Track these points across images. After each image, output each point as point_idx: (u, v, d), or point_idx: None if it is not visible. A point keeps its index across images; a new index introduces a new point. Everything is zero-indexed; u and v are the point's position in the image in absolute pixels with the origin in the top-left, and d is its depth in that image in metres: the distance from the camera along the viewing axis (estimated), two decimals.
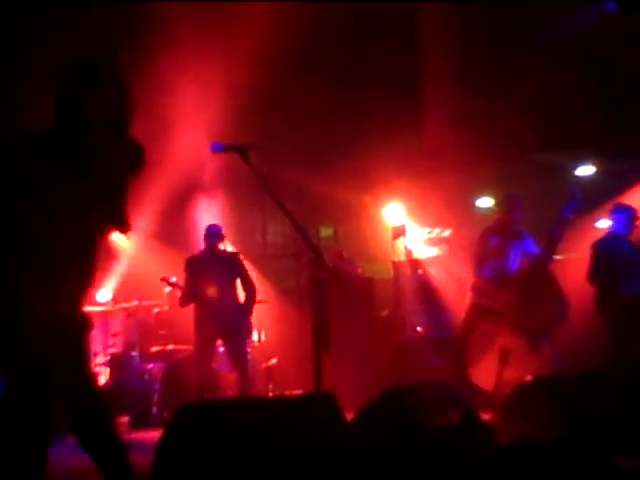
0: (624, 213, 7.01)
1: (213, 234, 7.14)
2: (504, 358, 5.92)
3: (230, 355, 7.01)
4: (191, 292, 6.99)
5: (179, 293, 7.22)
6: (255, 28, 6.65)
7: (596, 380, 3.81)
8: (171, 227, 8.81)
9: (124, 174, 3.13)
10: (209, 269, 7.03)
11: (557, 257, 6.74)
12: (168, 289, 8.43)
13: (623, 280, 6.77)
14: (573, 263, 7.34)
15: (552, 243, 6.03)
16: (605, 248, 6.86)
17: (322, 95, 8.21)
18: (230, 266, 7.17)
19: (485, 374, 5.98)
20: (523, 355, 5.85)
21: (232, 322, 6.91)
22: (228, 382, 7.61)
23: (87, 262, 3.12)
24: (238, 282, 7.20)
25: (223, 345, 7.14)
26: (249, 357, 7.46)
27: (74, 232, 3.01)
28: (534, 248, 6.37)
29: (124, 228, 3.18)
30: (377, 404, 3.42)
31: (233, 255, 7.40)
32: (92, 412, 3.08)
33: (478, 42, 7.46)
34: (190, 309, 7.10)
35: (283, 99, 8.15)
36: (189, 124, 7.76)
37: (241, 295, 7.19)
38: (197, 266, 7.09)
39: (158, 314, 8.33)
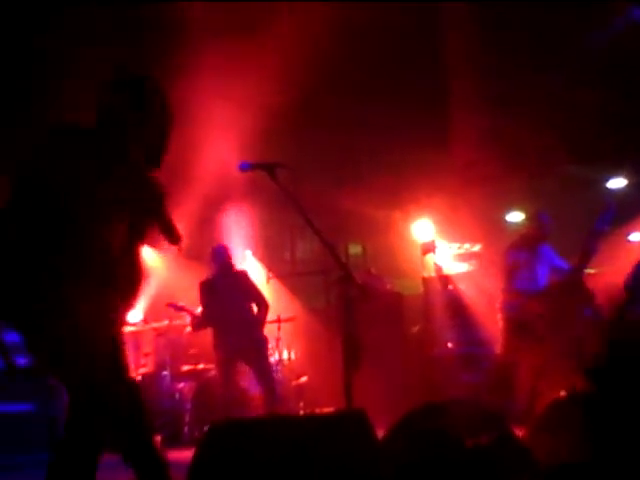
0: None
1: (218, 255, 7.21)
2: (538, 374, 5.86)
3: (254, 372, 7.03)
4: (207, 315, 7.06)
5: (188, 318, 7.31)
6: (284, 45, 6.68)
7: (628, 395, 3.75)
8: (200, 245, 8.84)
9: (157, 195, 3.17)
10: (221, 290, 7.10)
11: (590, 270, 6.67)
12: (200, 308, 8.46)
13: None
14: (605, 277, 7.25)
15: (586, 256, 5.97)
16: None
17: (350, 111, 8.23)
18: (240, 284, 7.21)
19: (520, 390, 5.93)
20: (557, 370, 5.78)
21: (248, 340, 6.94)
22: (258, 402, 7.60)
23: (131, 270, 3.16)
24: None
25: (246, 364, 7.14)
26: (276, 374, 7.46)
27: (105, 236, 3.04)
28: (560, 262, 6.33)
29: (174, 239, 3.21)
30: (409, 421, 3.39)
31: (242, 273, 7.42)
32: (135, 422, 3.09)
33: (505, 59, 7.44)
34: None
35: (311, 116, 8.16)
36: (217, 142, 7.81)
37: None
38: (209, 289, 7.17)
39: (189, 333, 8.36)
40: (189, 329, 8.39)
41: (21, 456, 5.72)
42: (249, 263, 9.24)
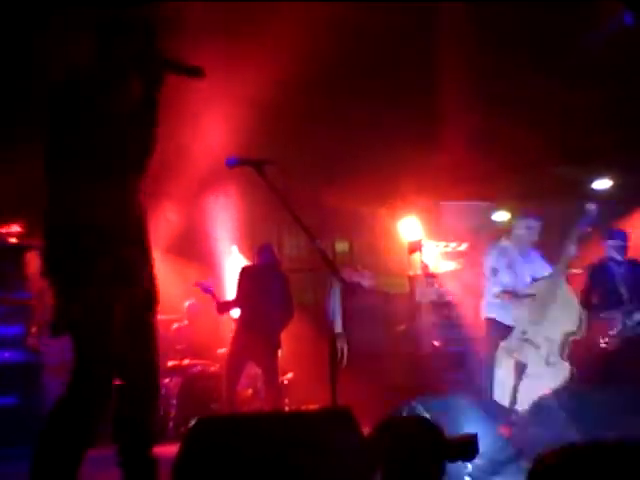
0: (618, 238, 7.06)
1: (267, 251, 7.28)
2: (520, 372, 5.89)
3: (264, 373, 7.05)
4: (240, 300, 7.04)
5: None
6: (273, 43, 6.68)
7: (609, 395, 3.80)
8: (186, 241, 8.83)
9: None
10: (260, 282, 7.08)
11: (574, 271, 6.72)
12: (187, 303, 8.45)
13: (617, 303, 6.79)
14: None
15: (567, 257, 6.01)
16: (598, 272, 6.93)
17: (338, 109, 8.21)
18: (279, 285, 7.21)
19: (502, 388, 5.96)
20: (539, 369, 5.82)
21: (267, 340, 6.94)
22: (243, 398, 7.61)
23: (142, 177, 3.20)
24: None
25: (256, 364, 7.11)
26: None
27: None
28: (543, 262, 6.37)
29: (194, 70, 3.22)
30: (395, 418, 3.40)
31: (284, 276, 7.44)
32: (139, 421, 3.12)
33: (495, 59, 7.45)
34: (208, 324, 7.13)
35: (299, 113, 8.15)
36: (204, 137, 7.79)
37: None
38: (250, 276, 7.13)
39: (177, 329, 8.35)
40: (176, 325, 8.38)
41: (5, 449, 5.70)
42: (235, 259, 9.22)
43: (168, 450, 3.09)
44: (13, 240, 7.18)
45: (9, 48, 6.36)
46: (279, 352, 7.16)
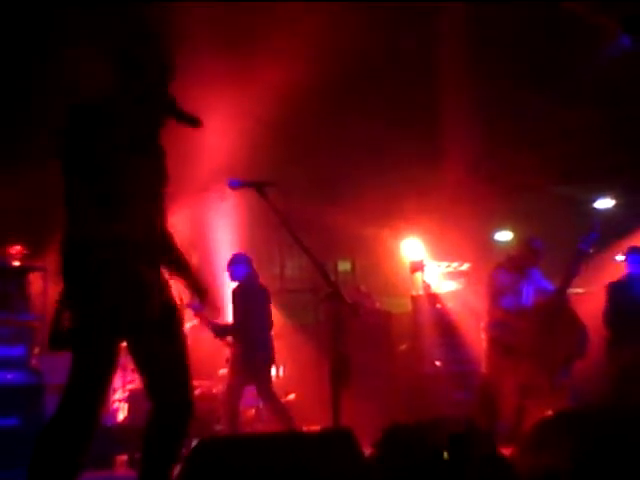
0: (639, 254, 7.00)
1: (247, 263, 7.07)
2: (524, 393, 5.87)
3: (262, 392, 6.88)
4: (239, 324, 6.91)
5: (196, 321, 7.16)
6: (276, 62, 6.72)
7: (612, 414, 3.77)
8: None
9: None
10: (252, 301, 6.96)
11: (577, 290, 6.71)
12: (189, 325, 8.44)
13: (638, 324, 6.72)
14: (592, 297, 7.29)
15: (569, 277, 5.99)
16: (621, 290, 6.85)
17: (340, 130, 8.26)
18: (266, 299, 7.11)
19: (506, 409, 5.94)
20: (542, 390, 5.80)
21: (268, 358, 6.90)
22: (246, 418, 7.58)
23: (158, 205, 3.21)
24: None
25: (256, 384, 6.94)
26: None
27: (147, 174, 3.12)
28: (545, 283, 6.35)
29: (194, 122, 3.22)
30: (393, 436, 3.39)
31: (266, 288, 7.29)
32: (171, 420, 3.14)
33: (497, 80, 7.49)
34: (208, 345, 7.10)
35: (302, 133, 8.20)
36: (206, 159, 7.82)
37: None
38: (243, 296, 6.95)
39: None
40: None
41: (5, 471, 5.68)
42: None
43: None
44: (16, 262, 7.19)
45: (10, 63, 6.40)
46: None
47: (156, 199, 3.19)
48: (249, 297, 6.94)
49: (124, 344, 3.09)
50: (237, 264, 7.03)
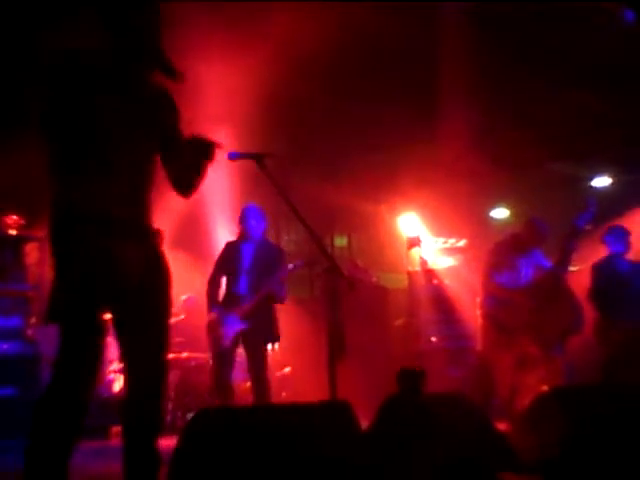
0: (618, 232, 7.00)
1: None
2: (519, 367, 5.90)
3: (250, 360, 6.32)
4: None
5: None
6: (276, 40, 6.68)
7: (609, 391, 3.80)
8: (185, 234, 8.82)
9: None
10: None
11: (573, 268, 6.72)
12: (184, 297, 8.45)
13: (625, 303, 6.73)
14: (588, 274, 7.30)
15: (566, 254, 6.00)
16: (605, 268, 6.86)
17: (338, 105, 8.22)
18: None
19: (501, 385, 5.98)
20: (537, 364, 5.83)
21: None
22: (242, 390, 7.60)
23: (143, 180, 3.13)
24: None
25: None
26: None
27: (129, 147, 3.04)
28: (545, 261, 6.36)
29: (179, 77, 3.14)
30: (390, 407, 3.40)
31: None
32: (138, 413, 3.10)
33: (494, 57, 7.46)
34: (204, 317, 7.10)
35: (299, 109, 8.16)
36: (206, 132, 7.78)
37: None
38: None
39: (174, 323, 8.32)
40: (173, 319, 8.34)
41: (4, 441, 5.70)
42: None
43: (165, 443, 3.09)
44: (12, 231, 7.16)
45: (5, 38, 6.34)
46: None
47: (141, 171, 3.10)
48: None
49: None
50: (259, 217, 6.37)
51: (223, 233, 8.71)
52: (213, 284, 6.29)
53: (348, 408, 3.10)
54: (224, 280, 6.30)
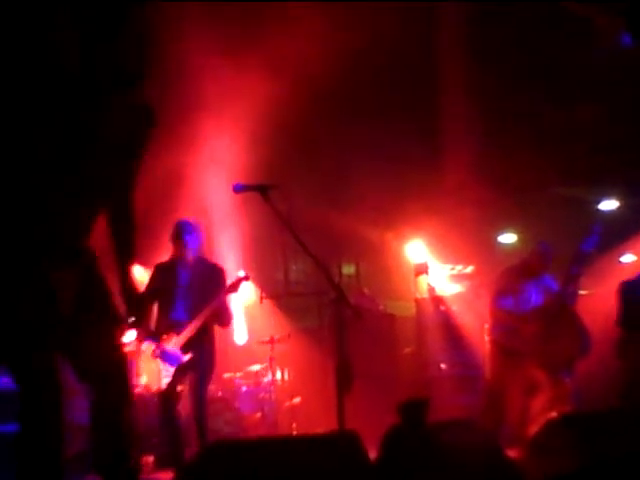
0: None
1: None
2: (528, 392, 5.87)
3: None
4: None
5: None
6: (278, 65, 6.74)
7: (618, 417, 3.77)
8: None
9: (135, 133, 3.09)
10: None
11: (581, 292, 6.70)
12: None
13: None
14: (596, 298, 7.27)
15: (571, 278, 5.98)
16: (633, 288, 6.78)
17: (344, 133, 8.27)
18: None
19: (511, 412, 5.95)
20: (545, 389, 5.80)
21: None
22: (251, 422, 7.58)
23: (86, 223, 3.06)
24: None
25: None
26: (269, 395, 7.45)
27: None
28: (554, 284, 6.34)
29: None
30: (396, 437, 3.39)
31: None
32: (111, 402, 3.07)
33: (498, 80, 7.50)
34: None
35: (305, 137, 8.21)
36: (210, 163, 7.84)
37: None
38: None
39: None
40: None
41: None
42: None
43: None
44: None
45: None
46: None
47: (92, 204, 3.04)
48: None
49: None
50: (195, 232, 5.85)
51: (230, 263, 8.72)
52: None
53: (356, 439, 3.09)
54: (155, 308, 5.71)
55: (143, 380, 5.71)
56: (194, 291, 5.62)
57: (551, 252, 6.40)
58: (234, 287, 5.70)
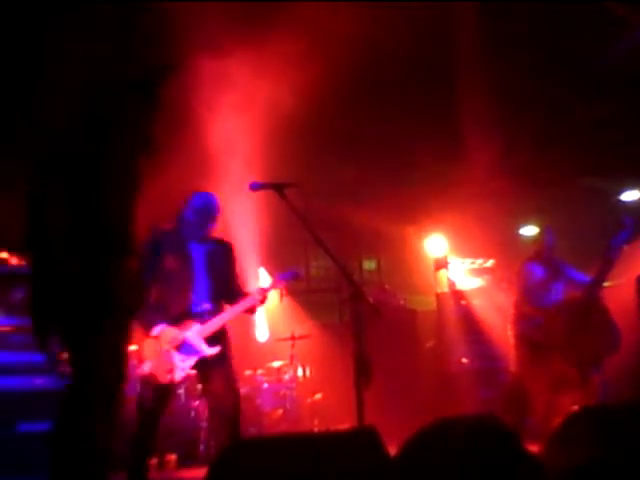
0: None
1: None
2: (556, 389, 5.83)
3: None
4: None
5: None
6: (297, 61, 6.74)
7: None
8: None
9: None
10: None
11: (606, 283, 6.65)
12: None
13: None
14: (622, 289, 7.20)
15: (603, 273, 5.92)
16: None
17: (364, 128, 8.26)
18: None
19: (536, 406, 5.91)
20: (573, 385, 5.75)
21: None
22: (273, 419, 7.60)
23: None
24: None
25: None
26: (291, 392, 7.43)
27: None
28: (579, 275, 6.29)
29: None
30: (421, 438, 3.38)
31: None
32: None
33: (519, 72, 7.46)
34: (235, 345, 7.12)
35: (325, 132, 8.21)
36: (228, 160, 7.85)
37: None
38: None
39: None
40: None
41: (39, 476, 5.73)
42: (263, 280, 9.24)
43: (199, 473, 3.11)
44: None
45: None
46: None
47: None
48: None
49: None
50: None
51: (251, 261, 8.75)
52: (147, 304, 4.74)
53: (375, 435, 3.09)
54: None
55: (147, 367, 4.75)
56: (214, 272, 4.94)
57: (552, 236, 6.38)
58: (264, 299, 5.23)
